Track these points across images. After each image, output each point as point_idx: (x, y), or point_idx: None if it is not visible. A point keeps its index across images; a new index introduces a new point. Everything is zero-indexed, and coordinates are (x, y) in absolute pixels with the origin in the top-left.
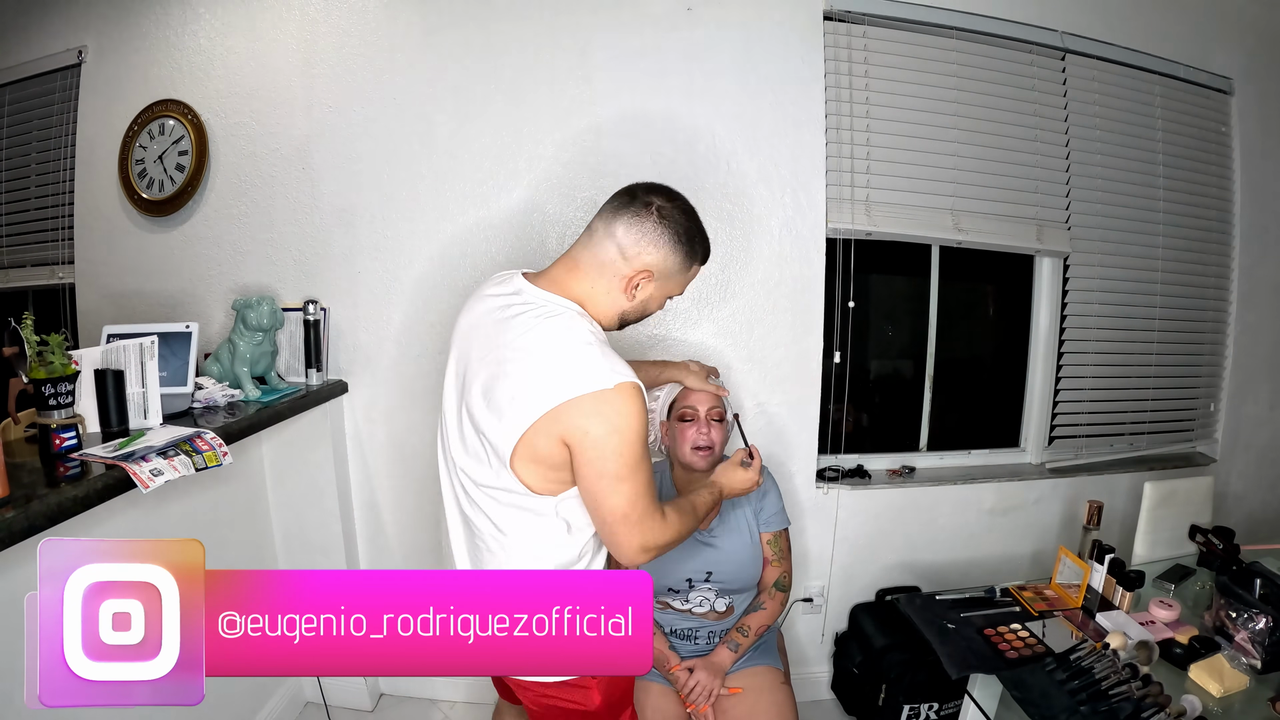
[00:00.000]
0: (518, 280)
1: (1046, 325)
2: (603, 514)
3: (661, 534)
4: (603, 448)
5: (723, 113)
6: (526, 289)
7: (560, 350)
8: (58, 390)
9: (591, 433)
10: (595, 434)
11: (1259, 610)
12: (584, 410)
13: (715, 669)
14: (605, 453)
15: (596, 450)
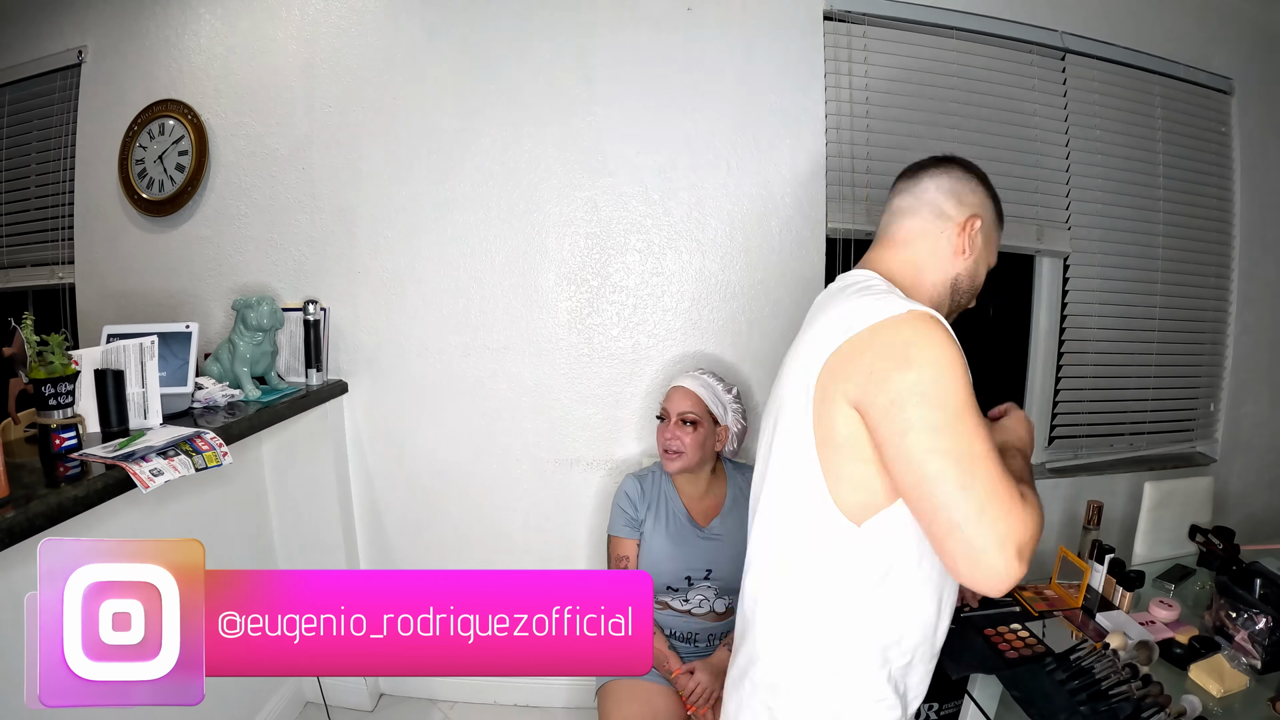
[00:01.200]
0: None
1: (1046, 325)
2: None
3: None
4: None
5: (723, 112)
6: (844, 277)
7: (845, 305)
8: (58, 390)
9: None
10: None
11: (1259, 610)
12: (868, 348)
13: (715, 670)
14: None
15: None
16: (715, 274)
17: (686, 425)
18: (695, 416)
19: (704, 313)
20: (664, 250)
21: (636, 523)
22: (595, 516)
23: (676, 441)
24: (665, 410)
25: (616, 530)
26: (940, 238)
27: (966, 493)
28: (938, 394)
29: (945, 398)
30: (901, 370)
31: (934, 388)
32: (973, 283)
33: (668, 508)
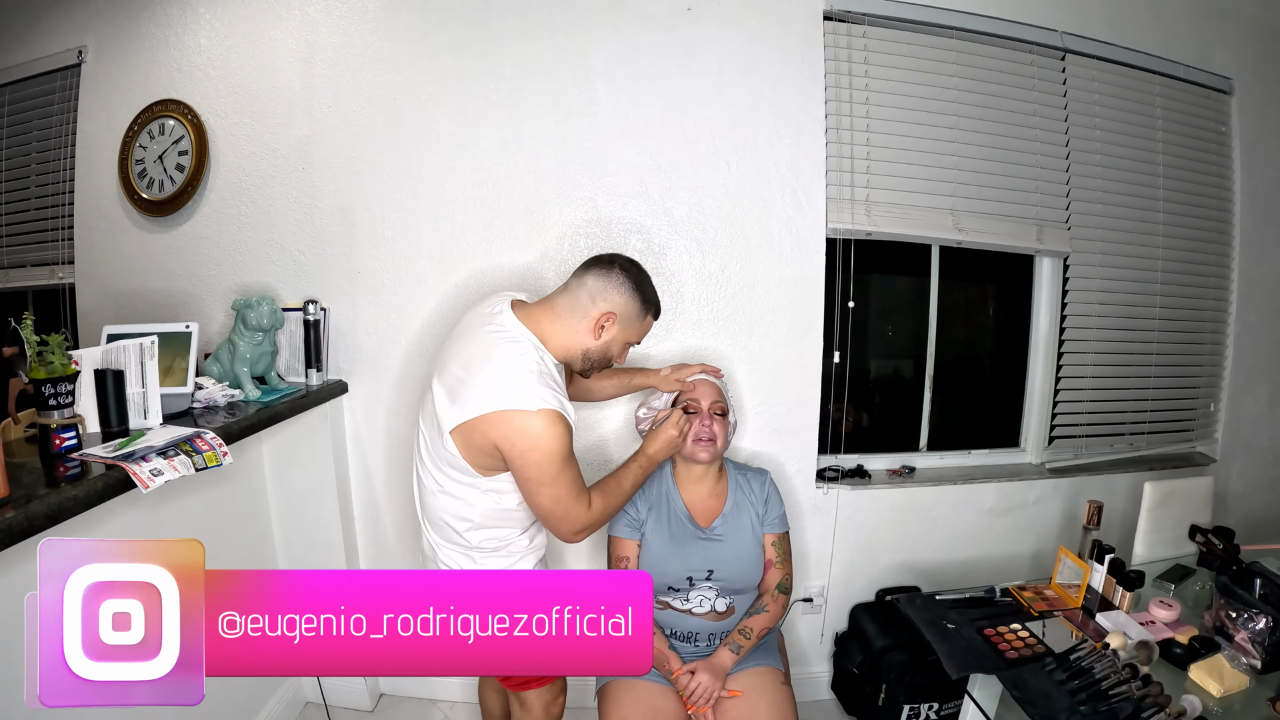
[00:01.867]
0: (503, 304)
1: (1046, 325)
2: (535, 510)
3: (587, 519)
4: (526, 459)
5: (722, 112)
6: (506, 315)
7: (506, 369)
8: (58, 390)
9: (517, 445)
10: (519, 447)
11: (1259, 610)
12: (512, 424)
13: (716, 670)
14: (528, 463)
15: (521, 460)
16: (715, 274)
17: (718, 416)
18: (724, 407)
19: (704, 312)
20: (664, 250)
21: (638, 523)
22: None
23: (709, 430)
24: (694, 403)
25: (617, 531)
26: (584, 320)
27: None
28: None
29: (550, 469)
30: (531, 451)
31: (547, 465)
32: (603, 356)
33: (669, 508)
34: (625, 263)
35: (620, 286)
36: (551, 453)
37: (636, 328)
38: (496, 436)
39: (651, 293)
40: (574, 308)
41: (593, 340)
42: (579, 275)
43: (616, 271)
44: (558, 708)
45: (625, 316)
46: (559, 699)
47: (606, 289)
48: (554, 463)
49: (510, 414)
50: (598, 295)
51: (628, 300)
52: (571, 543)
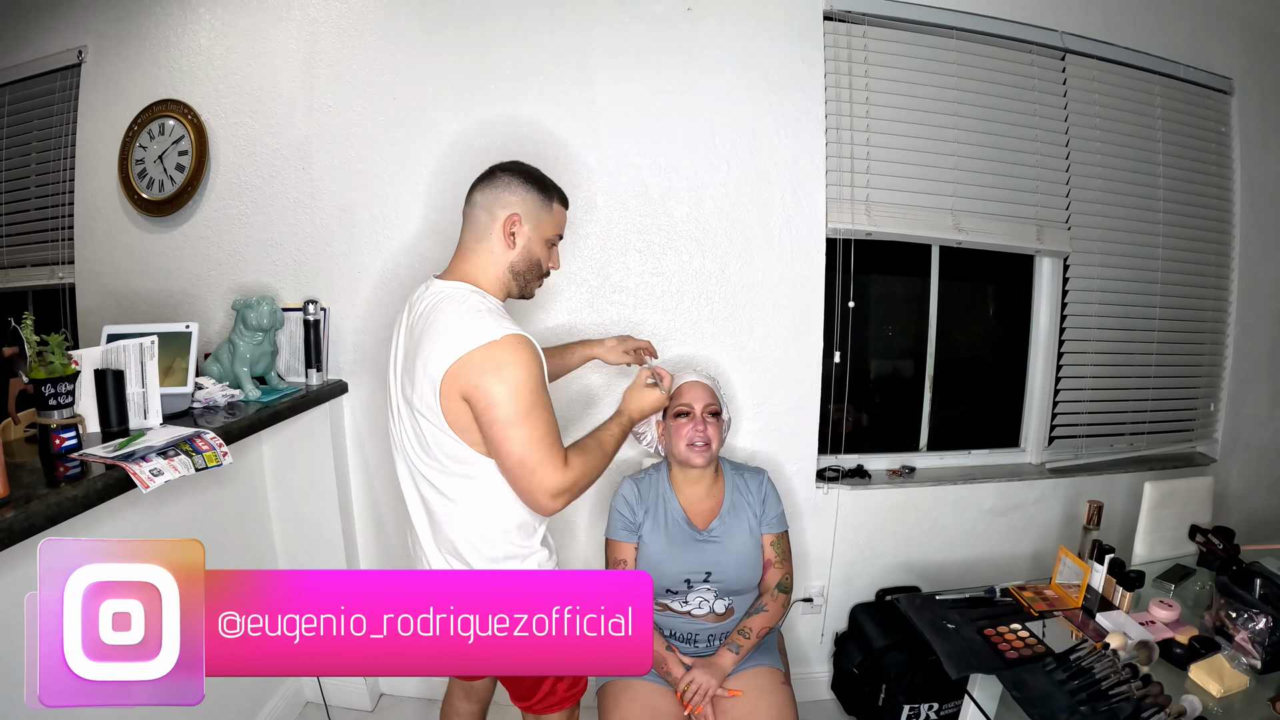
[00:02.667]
0: (429, 281)
1: (1046, 325)
2: (503, 463)
3: (565, 477)
4: (493, 396)
5: (722, 113)
6: (433, 284)
7: (452, 319)
8: (58, 390)
9: (482, 384)
10: (485, 384)
11: (1259, 610)
12: (475, 364)
13: (715, 670)
14: (496, 400)
15: (488, 400)
16: (715, 274)
17: (712, 417)
18: (717, 408)
19: (704, 312)
20: (664, 250)
21: (634, 526)
22: (593, 518)
23: (703, 434)
24: (688, 406)
25: (614, 534)
26: (494, 239)
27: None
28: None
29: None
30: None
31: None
32: (530, 263)
33: (666, 510)
34: (504, 165)
35: (509, 184)
36: (519, 383)
37: (549, 220)
38: (464, 387)
39: (544, 178)
40: (478, 233)
41: (510, 251)
42: (467, 203)
43: (498, 174)
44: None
45: (529, 212)
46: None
47: (496, 193)
48: (523, 395)
49: (471, 353)
50: (492, 205)
51: (523, 194)
52: (547, 511)
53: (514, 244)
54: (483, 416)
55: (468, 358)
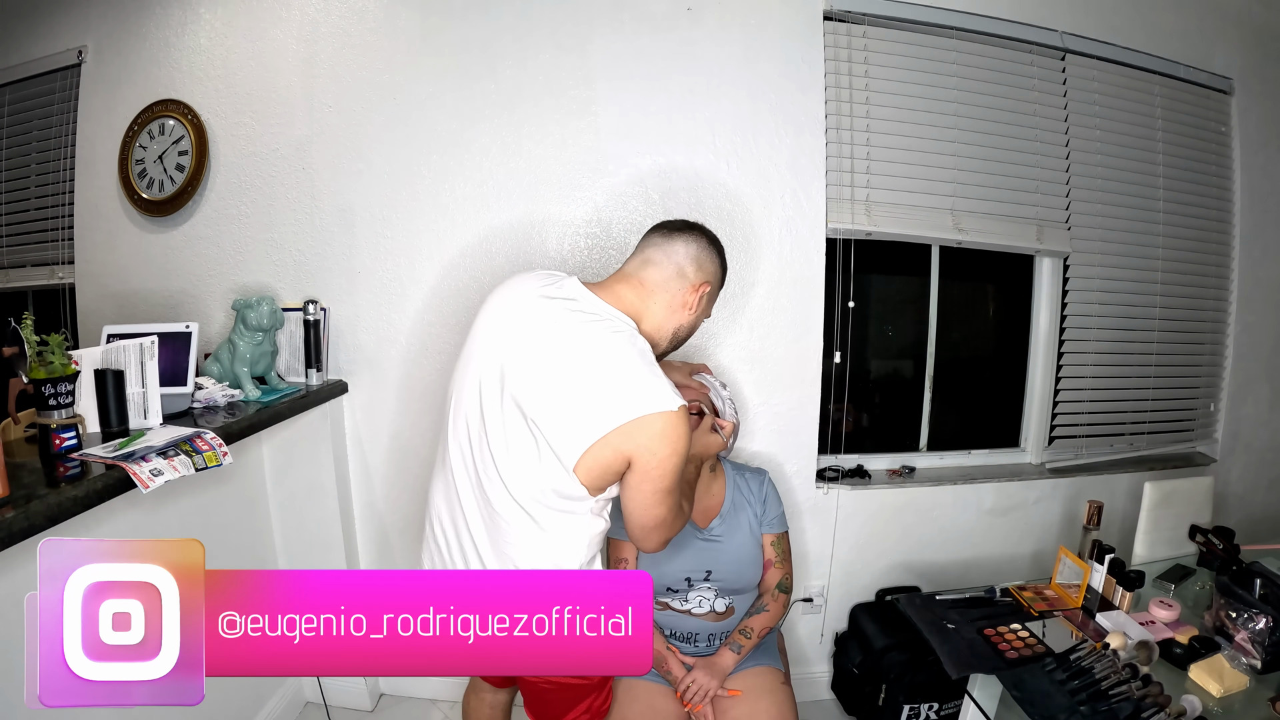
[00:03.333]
0: (573, 286)
1: (1046, 325)
2: (645, 520)
3: (681, 525)
4: (664, 465)
5: (723, 112)
6: (586, 297)
7: (630, 367)
8: (58, 390)
9: (658, 453)
10: (660, 454)
11: (1259, 610)
12: (653, 431)
13: (715, 670)
14: (666, 470)
15: (659, 468)
16: None
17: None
18: (699, 407)
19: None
20: None
21: None
22: None
23: None
24: None
25: (616, 533)
26: (677, 295)
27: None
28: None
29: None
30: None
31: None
32: (691, 331)
33: None
34: (707, 230)
35: (711, 254)
36: (684, 456)
37: (716, 299)
38: (634, 447)
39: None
40: (666, 281)
41: (687, 315)
42: (662, 245)
43: (704, 237)
44: None
45: (714, 288)
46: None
47: (701, 257)
48: (682, 467)
49: (653, 418)
50: (692, 263)
51: (718, 268)
52: (653, 551)
53: (693, 311)
54: (645, 481)
55: (648, 420)
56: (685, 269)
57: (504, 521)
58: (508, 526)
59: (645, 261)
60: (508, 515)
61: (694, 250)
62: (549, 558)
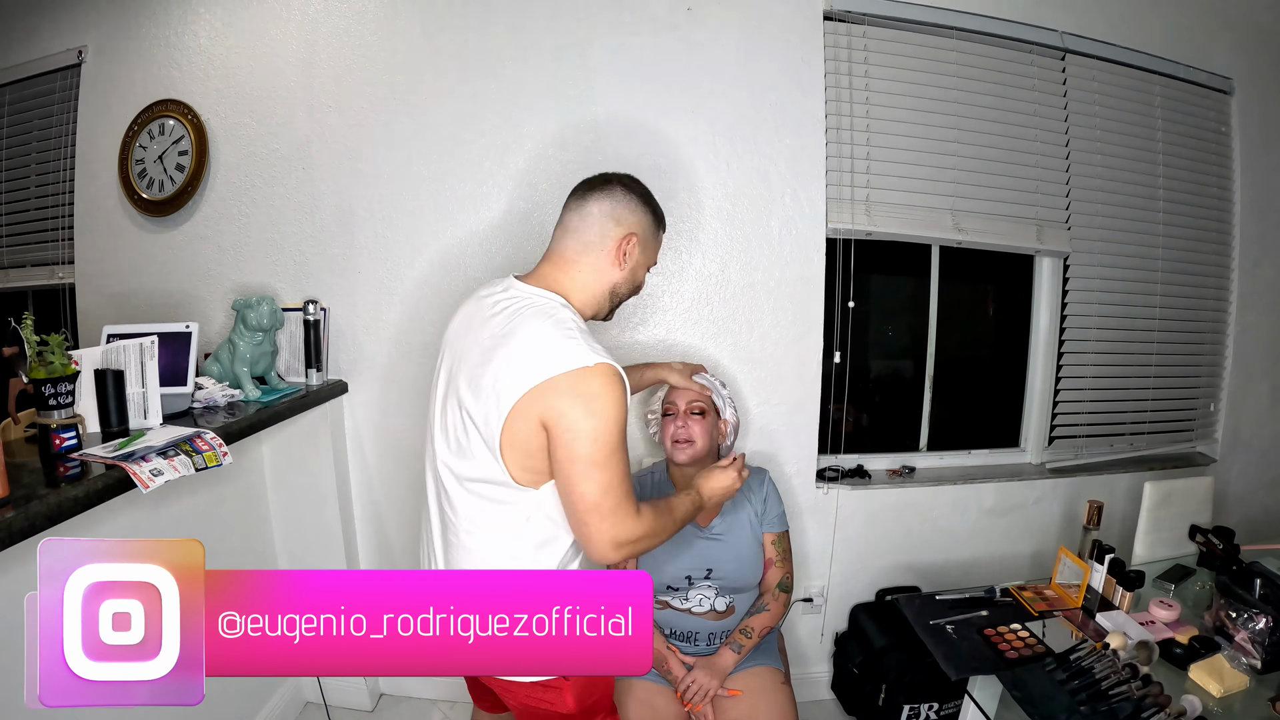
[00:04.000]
0: (509, 281)
1: (1046, 325)
2: (574, 501)
3: (634, 529)
4: (578, 429)
5: (722, 112)
6: (515, 286)
7: (541, 334)
8: (58, 390)
9: (568, 414)
10: (571, 415)
11: (1259, 610)
12: (561, 389)
13: (716, 669)
14: (580, 435)
15: (571, 432)
16: (714, 274)
17: (695, 415)
18: (702, 406)
19: (703, 312)
20: (664, 250)
21: None
22: None
23: (686, 430)
24: (672, 403)
25: None
26: (603, 254)
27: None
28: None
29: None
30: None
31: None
32: (631, 286)
33: None
34: (622, 177)
35: (629, 202)
36: (609, 419)
37: (653, 246)
38: (544, 410)
39: (657, 204)
40: (586, 244)
41: (618, 271)
42: (577, 208)
43: (616, 188)
44: None
45: (644, 234)
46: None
47: (617, 210)
48: (611, 434)
49: (561, 378)
50: (610, 219)
51: (642, 215)
52: (606, 561)
53: (624, 264)
54: (561, 449)
55: (555, 381)
56: (605, 228)
57: (457, 518)
58: (458, 524)
59: (565, 231)
60: (460, 510)
61: (607, 206)
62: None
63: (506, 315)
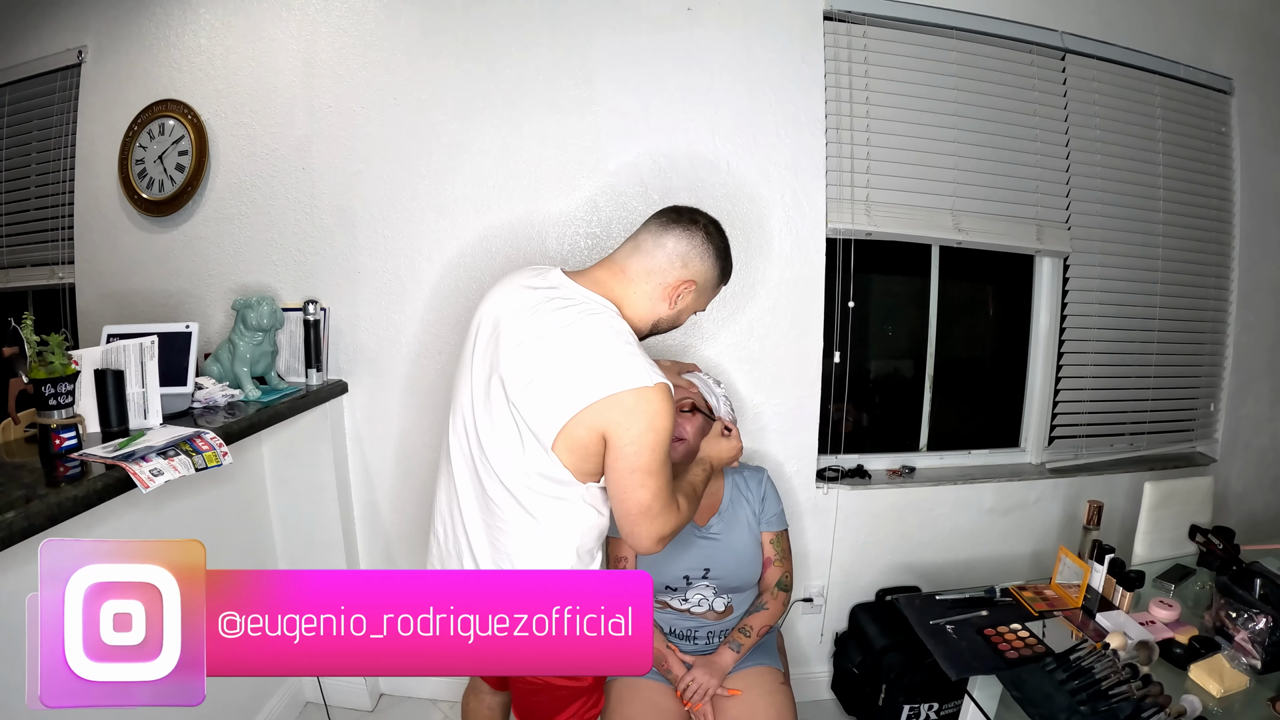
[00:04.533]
0: (556, 275)
1: (1046, 325)
2: (628, 506)
3: (676, 523)
4: (640, 443)
5: (722, 113)
6: (566, 284)
7: (604, 346)
8: (58, 390)
9: (631, 428)
10: (634, 430)
11: (1259, 610)
12: (625, 406)
13: (715, 669)
14: (641, 448)
15: (634, 445)
16: None
17: (685, 413)
18: (693, 402)
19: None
20: None
21: None
22: None
23: (679, 429)
24: None
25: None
26: (659, 287)
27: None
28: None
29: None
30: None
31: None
32: (673, 324)
33: None
34: (709, 222)
35: (705, 252)
36: (664, 433)
37: (708, 297)
38: (607, 423)
39: (730, 260)
40: (649, 271)
41: (666, 309)
42: (655, 234)
43: (700, 233)
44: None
45: (703, 285)
46: None
47: (690, 254)
48: (664, 447)
49: (625, 394)
50: (678, 259)
51: (710, 268)
52: (649, 552)
53: (674, 305)
54: (620, 460)
55: (620, 397)
56: (671, 264)
57: (499, 511)
58: (502, 516)
59: (635, 248)
60: (501, 504)
61: (683, 247)
62: (542, 549)
63: (563, 312)
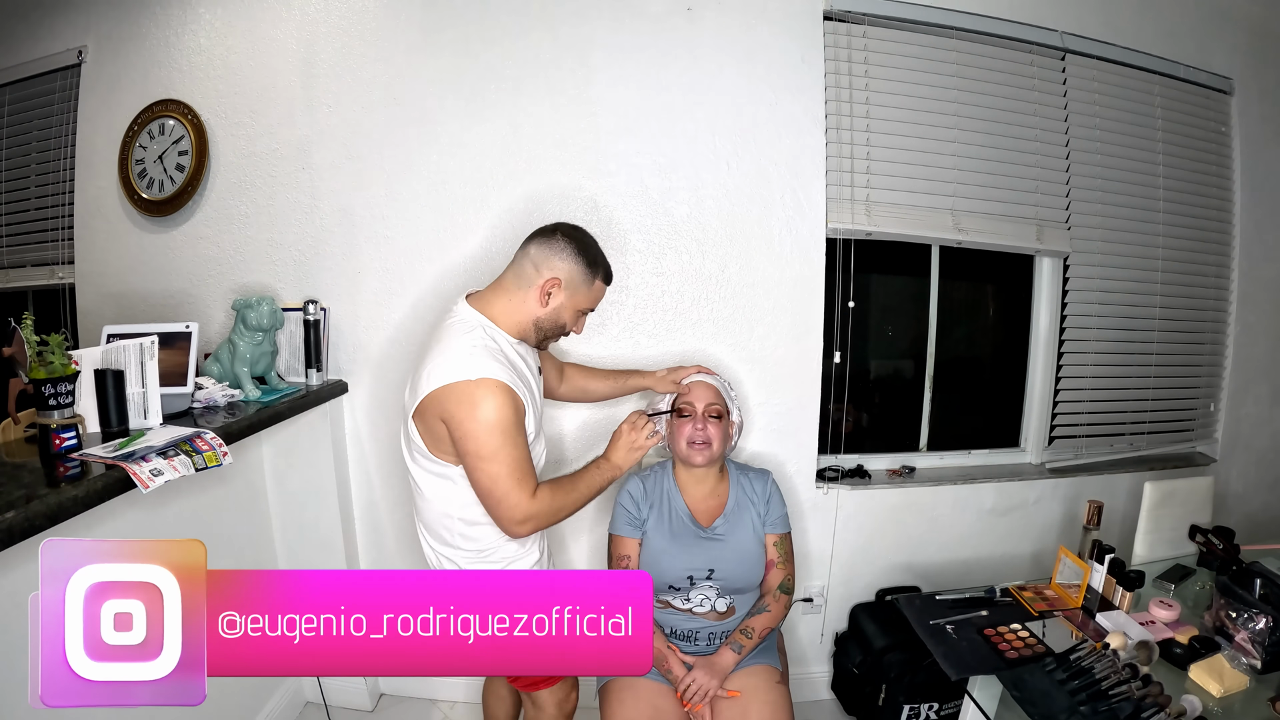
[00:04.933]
0: (459, 301)
1: (1046, 325)
2: (476, 490)
3: (529, 509)
4: (465, 429)
5: (722, 113)
6: (460, 307)
7: (452, 347)
8: (58, 390)
9: (456, 416)
10: (459, 418)
11: (1259, 610)
12: (453, 397)
13: (715, 669)
14: (467, 434)
15: (461, 431)
16: (715, 274)
17: (713, 419)
18: (720, 409)
19: (704, 312)
20: (664, 250)
21: (639, 522)
22: (596, 516)
23: (704, 433)
24: (689, 405)
25: (618, 529)
26: (530, 290)
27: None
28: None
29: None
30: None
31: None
32: (554, 324)
33: (670, 507)
34: (568, 229)
35: (562, 252)
36: (490, 423)
37: (585, 293)
38: (441, 412)
39: (597, 256)
40: (520, 280)
41: (540, 308)
42: (522, 248)
43: (559, 238)
44: (570, 704)
45: (571, 281)
46: (571, 695)
47: (549, 256)
48: (493, 435)
49: (451, 386)
50: (541, 263)
51: (571, 265)
52: (515, 535)
53: (547, 304)
54: (458, 444)
55: (448, 389)
56: (536, 268)
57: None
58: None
59: (510, 264)
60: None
61: (543, 253)
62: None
63: (442, 333)
